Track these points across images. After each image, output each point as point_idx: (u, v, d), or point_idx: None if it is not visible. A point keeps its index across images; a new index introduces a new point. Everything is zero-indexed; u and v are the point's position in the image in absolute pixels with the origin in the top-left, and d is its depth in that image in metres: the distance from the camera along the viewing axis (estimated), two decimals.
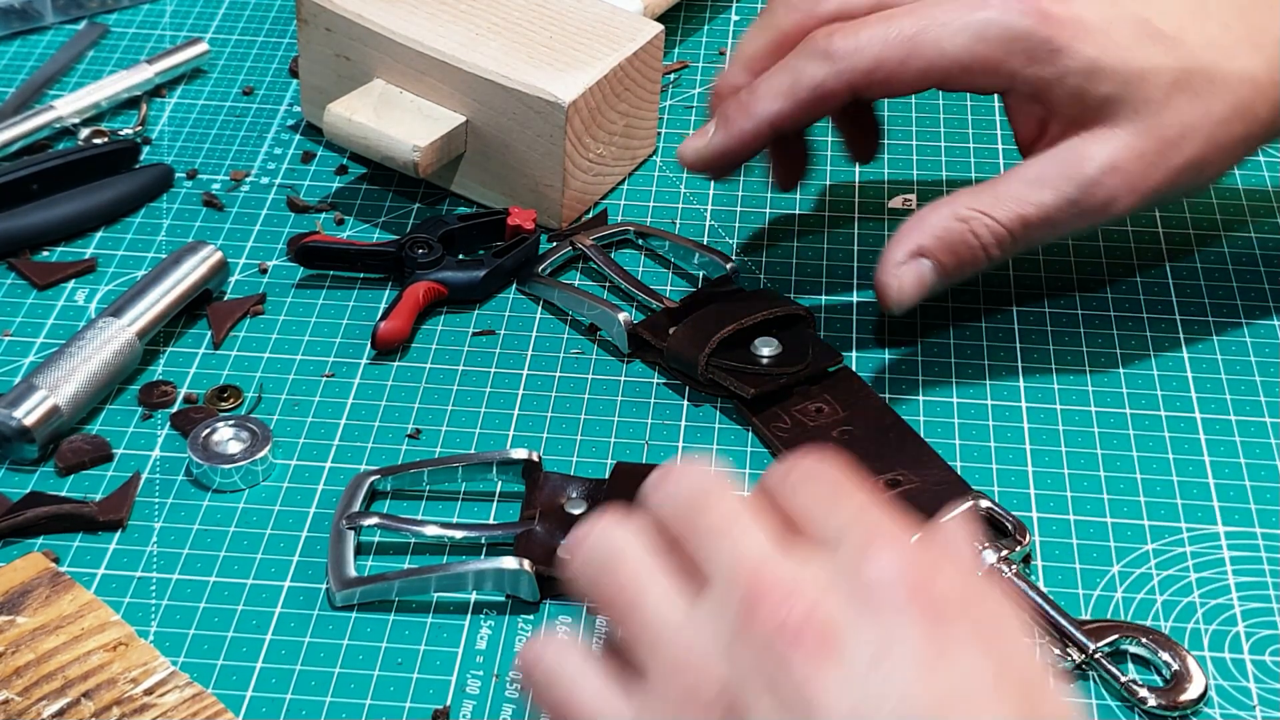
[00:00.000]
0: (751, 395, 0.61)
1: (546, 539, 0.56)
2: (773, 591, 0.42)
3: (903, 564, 0.42)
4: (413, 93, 0.71)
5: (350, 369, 0.65)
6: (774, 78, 0.61)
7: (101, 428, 0.62)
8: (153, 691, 0.51)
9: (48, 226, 0.70)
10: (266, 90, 0.80)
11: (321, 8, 0.72)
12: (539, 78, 0.68)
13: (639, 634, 0.44)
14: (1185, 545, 0.58)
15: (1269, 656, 0.54)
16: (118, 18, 0.85)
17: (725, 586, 0.43)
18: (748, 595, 0.42)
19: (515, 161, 0.70)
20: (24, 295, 0.68)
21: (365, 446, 0.61)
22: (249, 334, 0.66)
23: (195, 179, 0.74)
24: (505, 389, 0.64)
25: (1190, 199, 0.73)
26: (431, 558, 0.57)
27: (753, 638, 0.41)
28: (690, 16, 0.85)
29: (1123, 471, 0.60)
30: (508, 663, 0.54)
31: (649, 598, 0.44)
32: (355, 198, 0.73)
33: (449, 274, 0.67)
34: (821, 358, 0.63)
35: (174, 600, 0.55)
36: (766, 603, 0.41)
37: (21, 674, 0.51)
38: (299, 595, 0.56)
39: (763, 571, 0.42)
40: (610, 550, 0.46)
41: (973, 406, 0.63)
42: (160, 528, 0.58)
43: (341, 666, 0.53)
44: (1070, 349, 0.66)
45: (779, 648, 0.41)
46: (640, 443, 0.62)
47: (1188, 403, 0.63)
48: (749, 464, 0.61)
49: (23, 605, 0.54)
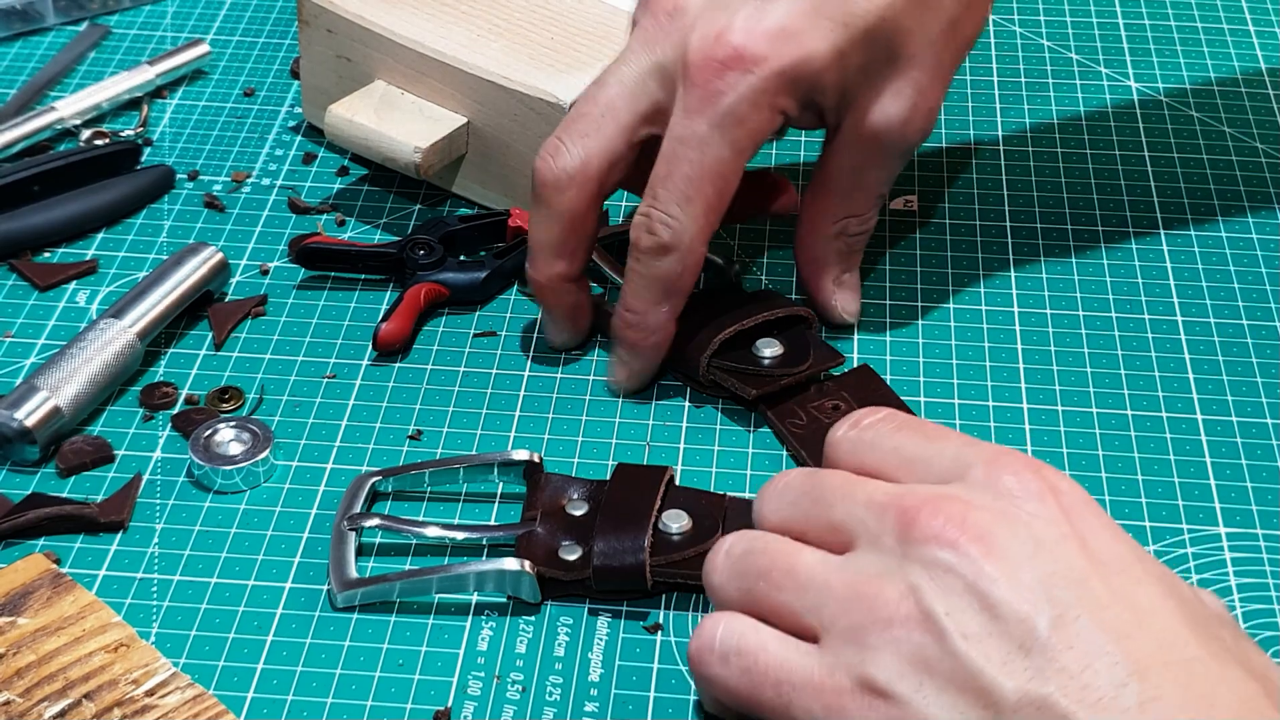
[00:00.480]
0: (753, 396, 0.61)
1: (548, 540, 0.56)
2: (923, 507, 0.46)
3: (1032, 470, 0.47)
4: (414, 94, 0.71)
5: (351, 370, 0.65)
6: (641, 290, 0.61)
7: (103, 429, 0.62)
8: (154, 693, 0.51)
9: (49, 228, 0.70)
10: (268, 91, 0.80)
11: (323, 9, 0.72)
12: (540, 79, 0.68)
13: (803, 591, 0.47)
14: (1186, 546, 0.58)
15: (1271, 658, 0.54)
16: (119, 19, 0.85)
17: (875, 523, 0.47)
18: (900, 519, 0.46)
19: (516, 162, 0.70)
20: (25, 296, 0.68)
21: (366, 448, 0.61)
22: (250, 335, 0.66)
23: (196, 180, 0.74)
24: (506, 390, 0.64)
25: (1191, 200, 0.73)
26: (433, 559, 0.57)
27: (917, 550, 0.45)
28: None
29: (1123, 472, 0.60)
30: (509, 664, 0.54)
31: (803, 559, 0.48)
32: (356, 199, 0.73)
33: (450, 275, 0.67)
34: (823, 359, 0.63)
35: (175, 601, 0.55)
36: (920, 519, 0.46)
37: (23, 675, 0.51)
38: (300, 596, 0.56)
39: (906, 499, 0.47)
40: (751, 539, 0.50)
41: (974, 407, 0.63)
42: (161, 529, 0.58)
43: (343, 668, 0.53)
44: (1071, 349, 0.66)
45: (944, 550, 0.45)
46: (641, 444, 0.62)
47: (1188, 403, 0.63)
48: (750, 465, 0.61)
49: (24, 606, 0.54)
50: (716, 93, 0.58)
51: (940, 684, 0.44)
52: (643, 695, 0.53)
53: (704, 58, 0.58)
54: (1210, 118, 0.79)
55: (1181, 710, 0.41)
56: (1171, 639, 0.43)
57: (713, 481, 0.60)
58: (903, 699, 0.44)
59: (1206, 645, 0.43)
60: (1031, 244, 0.71)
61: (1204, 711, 0.41)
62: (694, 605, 0.55)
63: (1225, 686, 0.42)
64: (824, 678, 0.46)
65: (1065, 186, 0.74)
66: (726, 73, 0.58)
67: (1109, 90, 0.81)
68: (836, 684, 0.45)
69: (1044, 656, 0.43)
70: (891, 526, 0.46)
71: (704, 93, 0.58)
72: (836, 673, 0.45)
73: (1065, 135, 0.77)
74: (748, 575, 0.49)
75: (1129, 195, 0.74)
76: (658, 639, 0.54)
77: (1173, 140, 0.77)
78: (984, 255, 0.70)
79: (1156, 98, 0.80)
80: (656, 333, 0.62)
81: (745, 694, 0.48)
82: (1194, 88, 0.81)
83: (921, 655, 0.44)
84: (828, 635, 0.46)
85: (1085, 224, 0.72)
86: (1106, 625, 0.43)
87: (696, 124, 0.58)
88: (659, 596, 0.56)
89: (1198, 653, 0.43)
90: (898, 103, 0.61)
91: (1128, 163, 0.76)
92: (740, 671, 0.48)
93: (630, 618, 0.55)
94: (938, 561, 0.45)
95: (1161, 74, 0.82)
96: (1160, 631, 0.43)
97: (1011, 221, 0.72)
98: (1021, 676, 0.43)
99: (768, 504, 0.51)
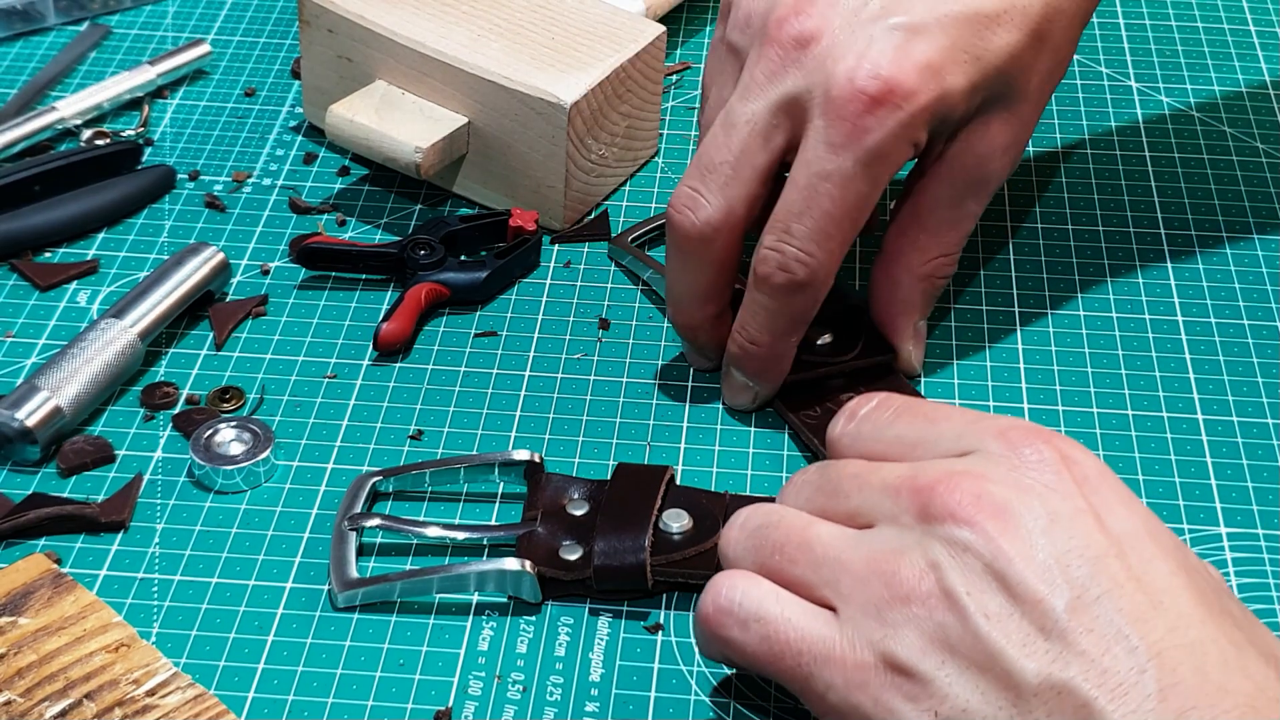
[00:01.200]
0: (790, 381, 0.62)
1: (548, 540, 0.56)
2: (938, 484, 0.46)
3: (1045, 440, 0.47)
4: (415, 94, 0.71)
5: (352, 370, 0.65)
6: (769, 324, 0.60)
7: (103, 429, 0.62)
8: (155, 693, 0.51)
9: (50, 228, 0.70)
10: (268, 91, 0.80)
11: (323, 9, 0.72)
12: (541, 79, 0.68)
13: (819, 564, 0.48)
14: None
15: None
16: (120, 19, 0.85)
17: (892, 505, 0.47)
18: (916, 497, 0.46)
19: (517, 163, 0.70)
20: (26, 296, 0.68)
21: (367, 448, 0.61)
22: (251, 335, 0.66)
23: (197, 180, 0.74)
24: (507, 390, 0.64)
25: (1191, 199, 0.73)
26: (433, 559, 0.57)
27: (935, 527, 0.45)
28: (692, 18, 0.85)
29: (1124, 472, 0.60)
30: (510, 664, 0.54)
31: (818, 532, 0.48)
32: (357, 199, 0.73)
33: (451, 275, 0.67)
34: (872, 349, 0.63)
35: (176, 601, 0.55)
36: (937, 495, 0.46)
37: (24, 675, 0.51)
38: (301, 596, 0.56)
39: (921, 477, 0.47)
40: (766, 512, 0.50)
41: (974, 407, 0.63)
42: (162, 529, 0.58)
43: (343, 668, 0.53)
44: (1071, 349, 0.66)
45: (962, 528, 0.45)
46: (642, 444, 0.62)
47: (1189, 403, 0.63)
48: (750, 465, 0.61)
49: (25, 606, 0.54)
50: (864, 129, 0.56)
51: (963, 664, 0.44)
52: (643, 695, 0.53)
53: (852, 90, 0.56)
54: (1211, 118, 0.79)
55: (1200, 695, 0.42)
56: (1186, 620, 0.43)
57: (713, 481, 0.60)
58: (926, 677, 0.44)
59: (1220, 624, 0.43)
60: (1032, 244, 0.71)
61: (1218, 698, 0.42)
62: (695, 605, 0.55)
63: (1239, 669, 0.42)
64: (846, 651, 0.46)
65: (1066, 186, 0.74)
66: (877, 108, 0.56)
67: (1110, 90, 0.81)
68: (859, 659, 0.46)
69: (1063, 640, 0.43)
70: (908, 505, 0.46)
71: (851, 127, 0.56)
72: (859, 647, 0.46)
73: (1066, 136, 0.77)
74: (762, 549, 0.49)
75: (1130, 195, 0.74)
76: (658, 639, 0.55)
77: (1174, 140, 0.77)
78: (984, 255, 0.70)
79: (1157, 98, 0.80)
80: (781, 360, 0.61)
81: (764, 660, 0.48)
82: (1194, 88, 0.81)
83: (943, 634, 0.44)
84: (846, 607, 0.46)
85: (1085, 224, 0.72)
86: (1124, 607, 0.43)
87: (842, 160, 0.56)
88: (659, 596, 0.56)
89: (1213, 633, 0.43)
90: (1004, 135, 0.60)
91: (1128, 163, 0.76)
92: (760, 639, 0.48)
93: (631, 618, 0.55)
94: (955, 539, 0.45)
95: (1163, 74, 0.82)
96: (1174, 612, 0.43)
97: (1012, 221, 0.72)
98: (1043, 659, 0.43)
99: (790, 489, 0.51)
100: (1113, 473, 0.47)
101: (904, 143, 0.57)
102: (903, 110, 0.56)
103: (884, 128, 0.56)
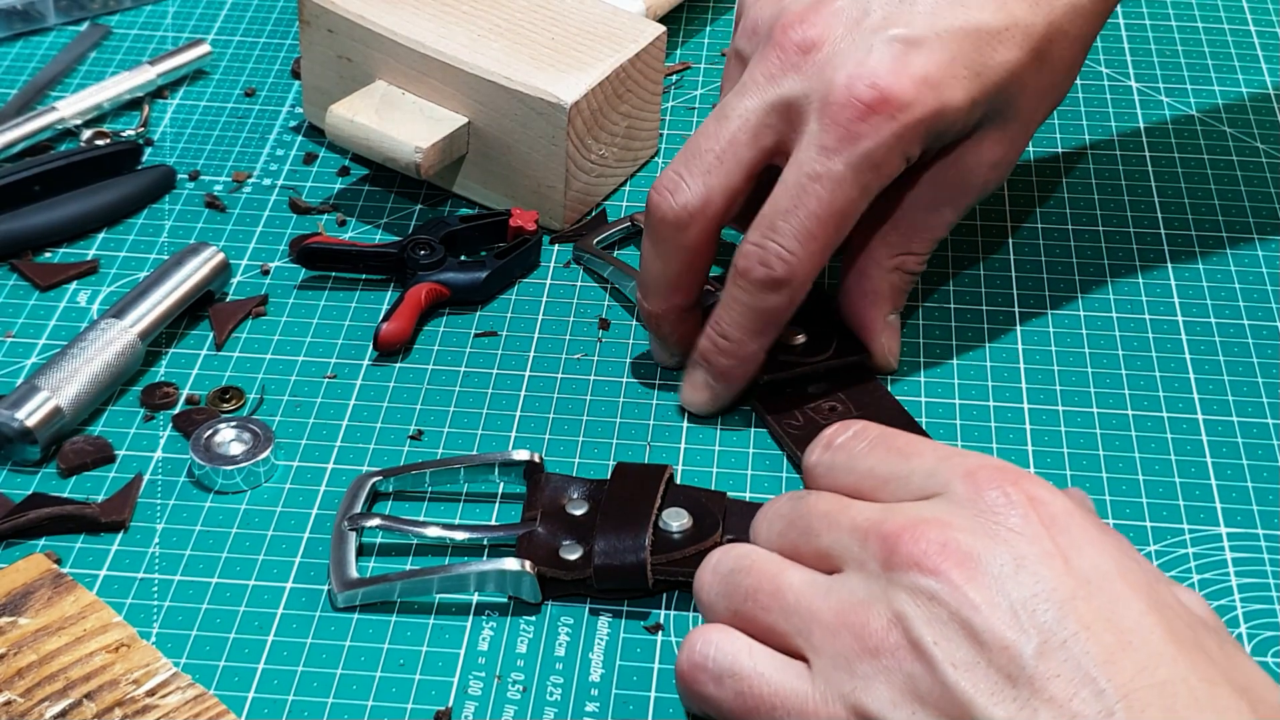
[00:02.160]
0: (765, 381, 0.62)
1: (548, 540, 0.56)
2: (903, 533, 0.46)
3: (1012, 482, 0.46)
4: (415, 94, 0.71)
5: (352, 370, 0.65)
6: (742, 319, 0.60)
7: (103, 429, 0.62)
8: (155, 693, 0.51)
9: (50, 228, 0.70)
10: (269, 91, 0.80)
11: (323, 9, 0.72)
12: (541, 79, 0.68)
13: (790, 614, 0.48)
14: (1187, 547, 0.58)
15: (1271, 658, 0.54)
16: (120, 19, 0.85)
17: (859, 549, 0.47)
18: (883, 545, 0.46)
19: (517, 163, 0.70)
20: (26, 296, 0.68)
21: (367, 448, 0.61)
22: (251, 335, 0.66)
23: (197, 180, 0.74)
24: (507, 390, 0.64)
25: (1192, 200, 0.73)
26: (433, 559, 0.57)
27: (900, 576, 0.45)
28: (692, 18, 0.85)
29: (1124, 472, 0.60)
30: (510, 664, 0.54)
31: (790, 579, 0.48)
32: (357, 199, 0.73)
33: (451, 275, 0.67)
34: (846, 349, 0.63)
35: (176, 601, 0.55)
36: (902, 544, 0.46)
37: (24, 675, 0.51)
38: (301, 596, 0.56)
39: (887, 523, 0.47)
40: (738, 556, 0.50)
41: (975, 408, 0.63)
42: (162, 529, 0.58)
43: (343, 668, 0.53)
44: (1071, 349, 0.66)
45: (927, 577, 0.45)
46: (642, 444, 0.62)
47: (1189, 403, 0.63)
48: (750, 465, 0.61)
49: (25, 606, 0.54)
50: (857, 135, 0.56)
51: (933, 714, 0.44)
52: (643, 695, 0.53)
53: (848, 97, 0.56)
54: (1211, 119, 0.79)
55: None
56: (1156, 659, 0.43)
57: (713, 481, 0.60)
58: None
59: (1192, 662, 0.43)
60: (1032, 244, 0.71)
61: None
62: (695, 605, 0.55)
63: (1210, 706, 0.42)
64: (819, 705, 0.46)
65: (1066, 187, 0.74)
66: (871, 115, 0.56)
67: (1110, 91, 0.81)
68: (832, 712, 0.46)
69: (1030, 687, 0.43)
70: (875, 552, 0.46)
71: (845, 132, 0.57)
72: (830, 700, 0.46)
73: (1066, 136, 0.77)
74: (734, 595, 0.49)
75: (1130, 196, 0.74)
76: (658, 639, 0.55)
77: (1174, 141, 0.77)
78: (984, 255, 0.70)
79: (1158, 99, 0.80)
80: (748, 362, 0.61)
81: (739, 714, 0.48)
82: (1195, 89, 0.81)
83: (913, 685, 0.44)
84: (817, 659, 0.46)
85: (1085, 224, 0.72)
86: (1092, 649, 0.43)
87: (833, 162, 0.57)
88: (660, 596, 0.56)
89: (1184, 672, 0.43)
90: (995, 151, 0.60)
91: (1129, 163, 0.76)
92: (734, 695, 0.48)
93: (631, 617, 0.55)
94: (921, 589, 0.45)
95: (1163, 75, 0.82)
96: (1144, 652, 0.43)
97: (1012, 221, 0.72)
98: (1011, 707, 0.43)
99: (759, 536, 0.51)
100: (1082, 511, 0.47)
101: (896, 153, 0.57)
102: (897, 120, 0.57)
103: (877, 135, 0.57)
